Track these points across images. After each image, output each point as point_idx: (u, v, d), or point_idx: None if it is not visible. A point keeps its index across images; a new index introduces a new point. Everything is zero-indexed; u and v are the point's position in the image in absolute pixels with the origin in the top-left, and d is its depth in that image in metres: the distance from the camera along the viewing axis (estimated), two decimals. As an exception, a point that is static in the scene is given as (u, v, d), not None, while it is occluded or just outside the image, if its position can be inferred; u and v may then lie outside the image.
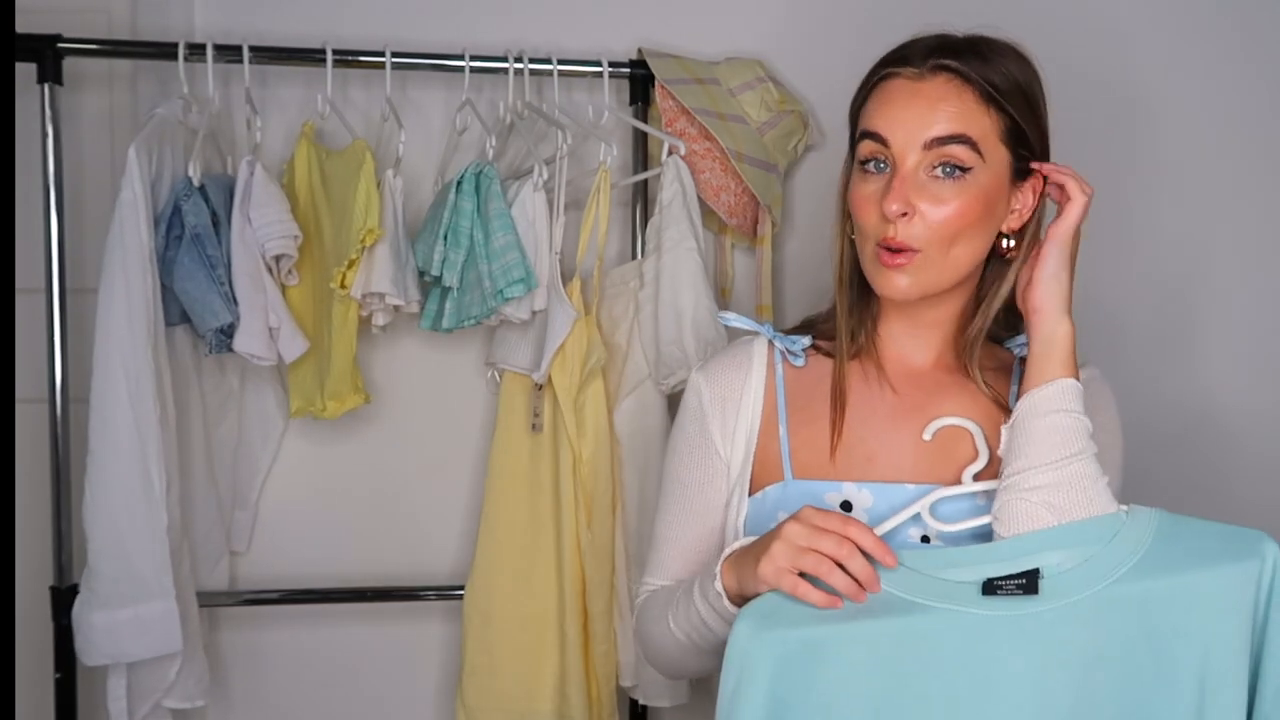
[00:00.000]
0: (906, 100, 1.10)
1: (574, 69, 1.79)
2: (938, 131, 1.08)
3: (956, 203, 1.08)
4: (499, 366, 1.79)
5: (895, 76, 1.11)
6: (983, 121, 1.09)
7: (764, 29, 1.92)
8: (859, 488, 1.13)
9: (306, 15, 1.84)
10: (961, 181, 1.08)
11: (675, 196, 1.71)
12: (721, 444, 1.20)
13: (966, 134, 1.08)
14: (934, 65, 1.09)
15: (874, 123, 1.11)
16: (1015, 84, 1.11)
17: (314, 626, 1.91)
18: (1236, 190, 1.99)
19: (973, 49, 1.11)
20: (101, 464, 1.56)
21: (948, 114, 1.08)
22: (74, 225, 1.71)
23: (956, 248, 1.10)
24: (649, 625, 1.21)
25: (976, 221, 1.10)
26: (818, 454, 1.16)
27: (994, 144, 1.10)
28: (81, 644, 1.60)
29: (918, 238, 1.08)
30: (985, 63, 1.10)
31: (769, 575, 1.01)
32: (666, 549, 1.23)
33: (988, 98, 1.09)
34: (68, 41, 1.65)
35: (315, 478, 1.89)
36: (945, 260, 1.10)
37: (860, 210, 1.12)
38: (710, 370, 1.23)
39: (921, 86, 1.09)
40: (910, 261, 1.09)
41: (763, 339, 1.23)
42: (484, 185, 1.66)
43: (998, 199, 1.12)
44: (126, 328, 1.54)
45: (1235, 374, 2.01)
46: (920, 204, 1.08)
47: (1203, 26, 1.98)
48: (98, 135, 1.81)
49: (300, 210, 1.71)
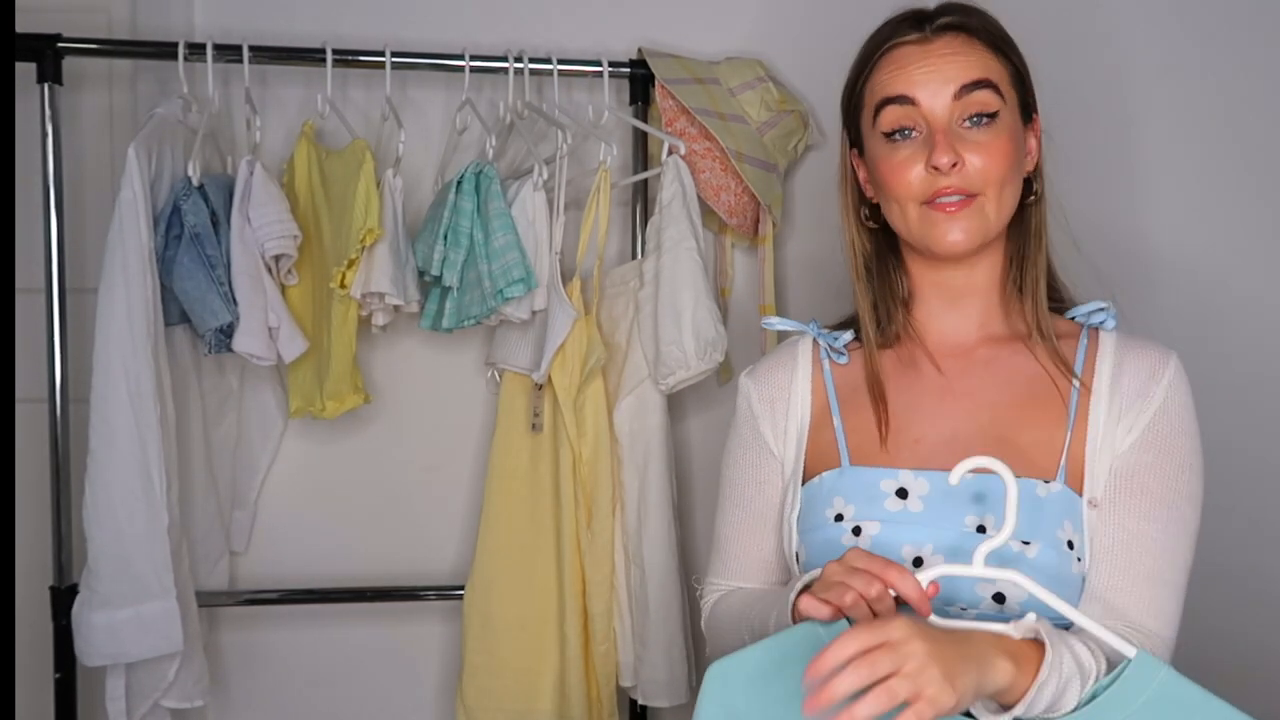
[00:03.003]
0: (922, 59, 1.11)
1: (574, 69, 1.79)
2: (964, 79, 1.10)
3: (995, 145, 1.10)
4: (499, 366, 1.79)
5: (900, 45, 1.13)
6: (996, 67, 1.13)
7: (764, 29, 1.92)
8: (915, 475, 1.11)
9: (306, 15, 1.84)
10: (994, 126, 1.10)
11: (675, 196, 1.71)
12: (774, 443, 1.21)
13: (989, 78, 1.11)
14: (937, 26, 1.12)
15: (895, 87, 1.12)
16: (1005, 37, 1.15)
17: (313, 626, 1.91)
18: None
19: (961, 9, 1.15)
20: (101, 464, 1.56)
21: (967, 63, 1.11)
22: (74, 225, 1.71)
23: (1005, 190, 1.12)
24: (725, 636, 1.21)
25: (1015, 162, 1.12)
26: (871, 444, 1.15)
27: (1008, 87, 1.13)
28: (81, 644, 1.60)
29: (974, 183, 1.10)
30: (980, 17, 1.14)
31: (803, 607, 0.97)
32: (729, 549, 1.25)
33: (994, 45, 1.13)
34: (68, 41, 1.65)
35: (315, 478, 1.89)
36: (999, 203, 1.11)
37: (897, 177, 1.12)
38: (757, 373, 1.25)
39: (932, 46, 1.12)
40: (969, 205, 1.10)
41: (808, 338, 1.24)
42: (484, 185, 1.66)
43: (1021, 140, 1.14)
44: (126, 328, 1.54)
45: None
46: (965, 154, 1.09)
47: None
48: (98, 135, 1.81)
49: (300, 210, 1.71)
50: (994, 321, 1.18)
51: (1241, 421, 1.96)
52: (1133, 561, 1.08)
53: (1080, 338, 1.18)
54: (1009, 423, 1.13)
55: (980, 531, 1.08)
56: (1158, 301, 1.94)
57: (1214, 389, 1.29)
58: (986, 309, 1.18)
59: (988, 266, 1.17)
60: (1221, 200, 1.98)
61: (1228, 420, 1.88)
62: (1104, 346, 1.16)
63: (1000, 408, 1.14)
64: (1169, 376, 1.12)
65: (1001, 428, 1.13)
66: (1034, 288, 1.16)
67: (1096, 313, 1.19)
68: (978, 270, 1.16)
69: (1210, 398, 1.23)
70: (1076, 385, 1.13)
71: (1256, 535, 1.97)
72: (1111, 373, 1.13)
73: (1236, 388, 1.96)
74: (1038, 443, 1.11)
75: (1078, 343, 1.17)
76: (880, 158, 1.13)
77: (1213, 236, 1.98)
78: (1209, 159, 1.98)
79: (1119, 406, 1.11)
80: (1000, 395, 1.14)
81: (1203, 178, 1.98)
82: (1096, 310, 1.19)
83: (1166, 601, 1.08)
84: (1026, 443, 1.11)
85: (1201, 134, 1.98)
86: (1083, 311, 1.19)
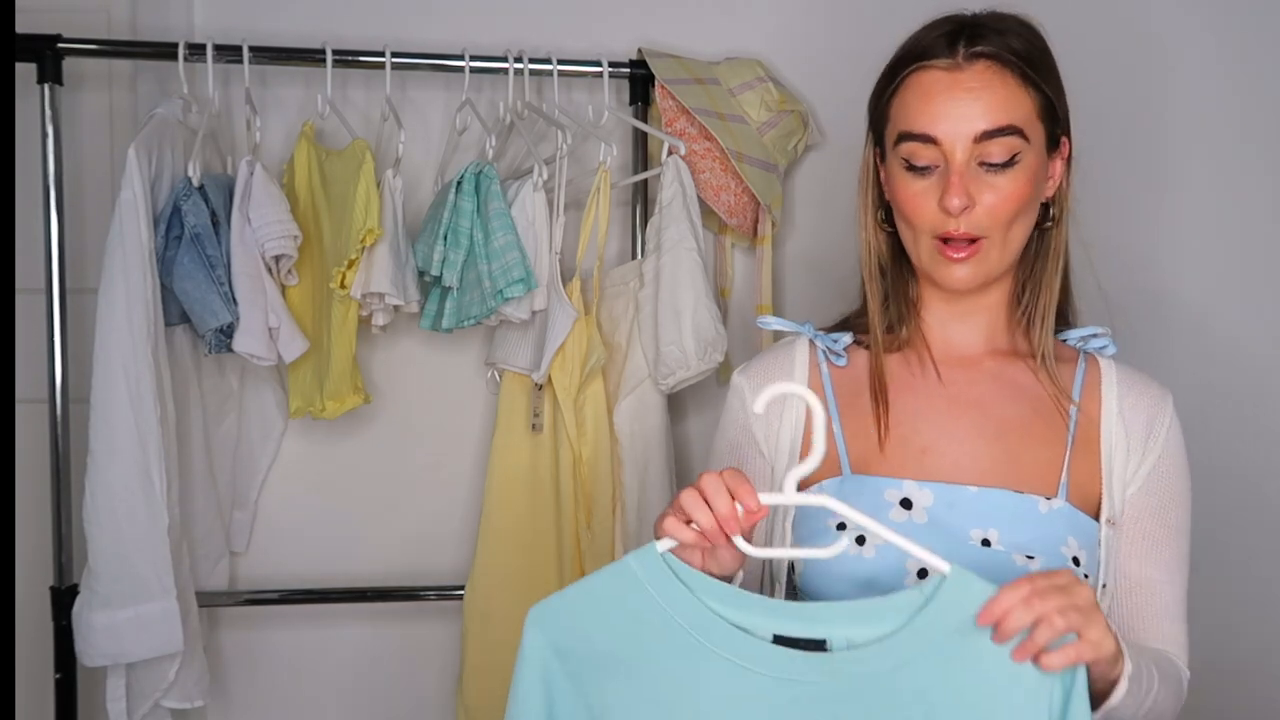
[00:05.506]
0: (948, 94, 1.08)
1: (574, 69, 1.79)
2: (986, 125, 1.07)
3: (1012, 188, 1.08)
4: (499, 366, 1.79)
5: (929, 69, 1.09)
6: (1025, 105, 1.09)
7: (764, 29, 1.92)
8: (920, 486, 1.10)
9: (306, 15, 1.84)
10: (1012, 169, 1.08)
11: (675, 196, 1.71)
12: (765, 445, 1.19)
13: (1013, 124, 1.07)
14: (970, 54, 1.08)
15: (917, 122, 1.09)
16: (1042, 58, 1.11)
17: (313, 626, 1.91)
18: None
19: (997, 29, 1.10)
20: (101, 464, 1.56)
21: (992, 104, 1.07)
22: (74, 225, 1.71)
23: (1014, 229, 1.10)
24: None
25: (1030, 200, 1.11)
26: (871, 451, 1.14)
27: (1034, 123, 1.10)
28: (82, 644, 1.60)
29: (981, 227, 1.08)
30: (1014, 41, 1.09)
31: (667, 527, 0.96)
32: None
33: (1025, 78, 1.09)
34: (68, 41, 1.65)
35: (315, 478, 1.89)
36: (1005, 243, 1.10)
37: (912, 208, 1.11)
38: (751, 372, 1.22)
39: (960, 77, 1.08)
40: (975, 251, 1.09)
41: (804, 340, 1.22)
42: (484, 185, 1.66)
43: (1042, 174, 1.12)
44: (126, 328, 1.54)
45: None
46: (979, 196, 1.07)
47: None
48: (98, 135, 1.81)
49: (300, 210, 1.71)
50: (1000, 336, 1.18)
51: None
52: (1139, 605, 1.13)
53: (1078, 362, 1.18)
54: (1014, 437, 1.13)
55: (985, 545, 1.07)
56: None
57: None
58: (994, 324, 1.18)
59: (998, 287, 1.16)
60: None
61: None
62: (1106, 374, 1.17)
63: (1006, 422, 1.14)
64: (1168, 420, 1.16)
65: (1007, 441, 1.13)
66: (1044, 316, 1.16)
67: (1093, 338, 1.19)
68: (988, 293, 1.16)
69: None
70: (1074, 410, 1.14)
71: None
72: (1118, 403, 1.15)
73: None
74: (1039, 460, 1.12)
75: (1075, 367, 1.18)
76: (898, 182, 1.12)
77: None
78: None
79: (1127, 439, 1.14)
80: (1005, 410, 1.14)
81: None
82: (1093, 336, 1.19)
83: (1178, 632, 1.15)
84: (1029, 459, 1.12)
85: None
86: (1075, 336, 1.20)
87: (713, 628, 0.94)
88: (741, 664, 0.93)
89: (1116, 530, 1.12)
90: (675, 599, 0.94)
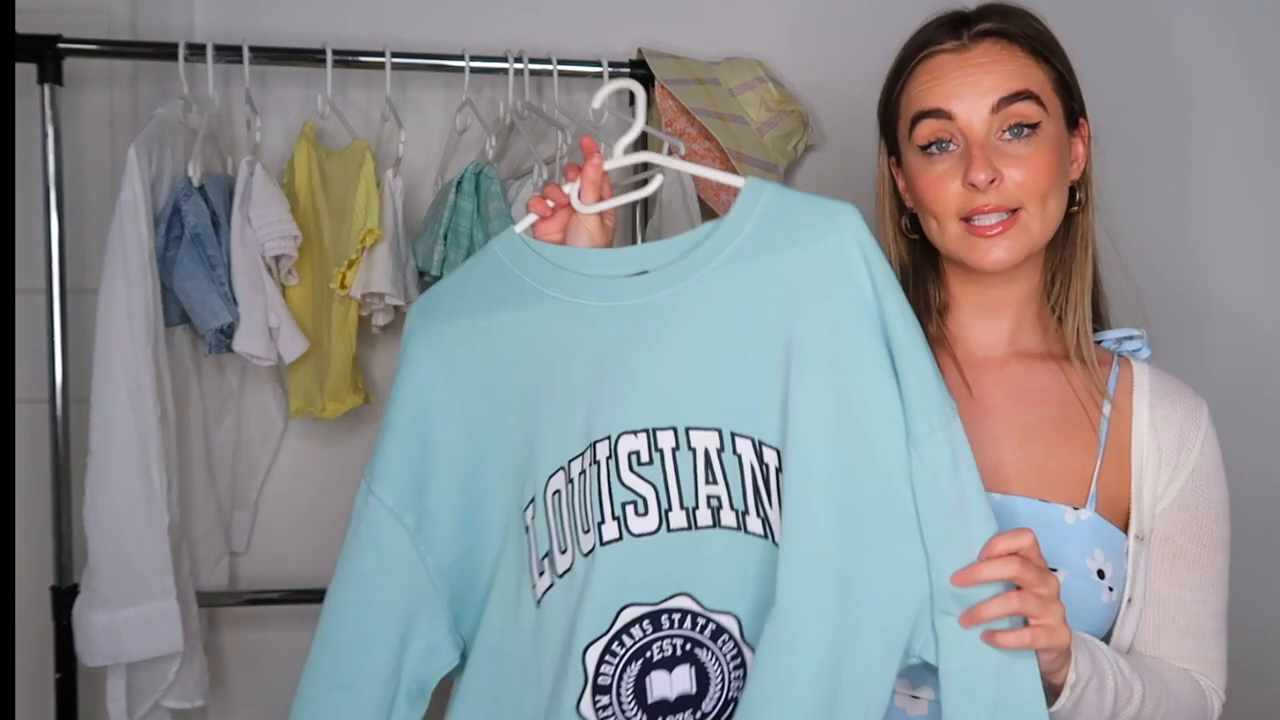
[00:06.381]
0: (959, 70, 1.07)
1: (574, 69, 1.79)
2: (1003, 91, 1.06)
3: (1037, 158, 1.06)
4: (499, 366, 1.79)
5: (937, 53, 1.09)
6: (1037, 74, 1.08)
7: (764, 29, 1.92)
8: None
9: (306, 15, 1.84)
10: (1034, 138, 1.06)
11: (675, 196, 1.71)
12: None
13: (1029, 89, 1.06)
14: (975, 33, 1.08)
15: (930, 100, 1.08)
16: (1050, 38, 1.11)
17: (314, 626, 1.90)
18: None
19: (1000, 13, 1.10)
20: (101, 464, 1.56)
21: (1006, 73, 1.06)
22: (74, 225, 1.71)
23: (1049, 202, 1.08)
24: None
25: (1058, 172, 1.08)
26: None
27: (1051, 95, 1.09)
28: (82, 644, 1.60)
29: (1014, 199, 1.06)
30: (1019, 23, 1.09)
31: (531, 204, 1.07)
32: None
33: (1035, 52, 1.08)
34: (68, 42, 1.65)
35: (315, 478, 1.89)
36: (1044, 217, 1.07)
37: (934, 193, 1.08)
38: None
39: (969, 55, 1.07)
40: (1011, 225, 1.06)
41: None
42: (484, 185, 1.66)
43: (1065, 149, 1.10)
44: (126, 328, 1.54)
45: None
46: (1004, 169, 1.05)
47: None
48: (98, 135, 1.81)
49: (300, 210, 1.71)
50: (1025, 336, 1.15)
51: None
52: (1164, 622, 1.09)
53: (1112, 365, 1.15)
54: (1041, 444, 1.10)
55: None
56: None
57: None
58: (1019, 321, 1.15)
59: (1026, 278, 1.13)
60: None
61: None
62: (1139, 380, 1.14)
63: (1032, 428, 1.11)
64: (1202, 433, 1.11)
65: (1033, 448, 1.10)
66: (1076, 306, 1.13)
67: (1128, 340, 1.16)
68: (1016, 283, 1.13)
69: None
70: (1107, 415, 1.10)
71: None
72: (1150, 413, 1.12)
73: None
74: (1068, 469, 1.10)
75: (1110, 370, 1.14)
76: (917, 172, 1.10)
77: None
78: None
79: (1159, 452, 1.10)
80: (1031, 414, 1.12)
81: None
82: (1128, 338, 1.16)
83: (1209, 650, 1.10)
84: (1055, 467, 1.10)
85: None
86: (1112, 337, 1.17)
87: (551, 274, 1.03)
88: (572, 299, 1.01)
89: (1146, 545, 1.09)
90: (524, 262, 1.04)
